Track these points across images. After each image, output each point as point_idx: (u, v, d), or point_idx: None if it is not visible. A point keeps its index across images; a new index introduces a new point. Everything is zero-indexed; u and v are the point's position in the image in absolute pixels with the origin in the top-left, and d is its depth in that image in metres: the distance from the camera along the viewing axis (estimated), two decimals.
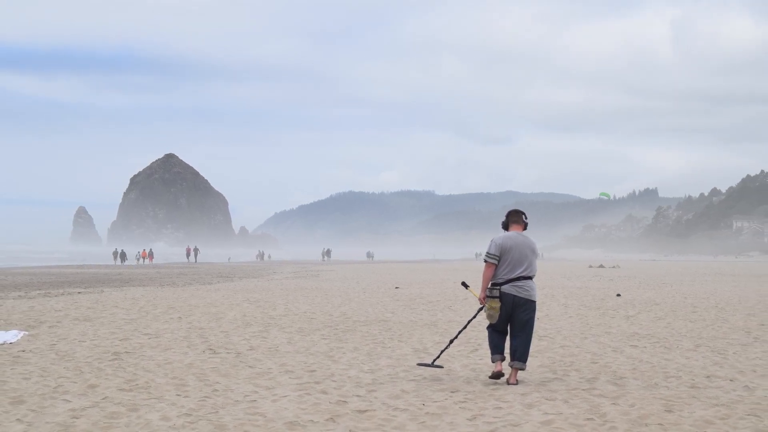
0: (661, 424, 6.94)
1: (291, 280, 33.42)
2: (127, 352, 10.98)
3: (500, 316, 8.83)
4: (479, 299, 8.99)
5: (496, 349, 8.91)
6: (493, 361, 8.92)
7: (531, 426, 6.90)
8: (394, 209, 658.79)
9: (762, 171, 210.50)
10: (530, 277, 8.91)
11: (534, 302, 8.92)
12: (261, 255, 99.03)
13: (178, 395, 8.11)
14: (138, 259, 77.56)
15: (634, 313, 17.11)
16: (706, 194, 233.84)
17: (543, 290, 24.61)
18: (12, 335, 12.44)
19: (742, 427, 6.87)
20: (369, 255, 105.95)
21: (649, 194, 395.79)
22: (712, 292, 25.23)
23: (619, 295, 23.11)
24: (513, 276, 8.82)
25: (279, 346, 11.75)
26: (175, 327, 14.08)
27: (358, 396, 8.11)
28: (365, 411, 7.44)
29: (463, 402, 7.83)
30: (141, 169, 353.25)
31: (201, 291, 24.80)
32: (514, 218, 9.15)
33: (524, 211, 9.32)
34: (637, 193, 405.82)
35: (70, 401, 7.80)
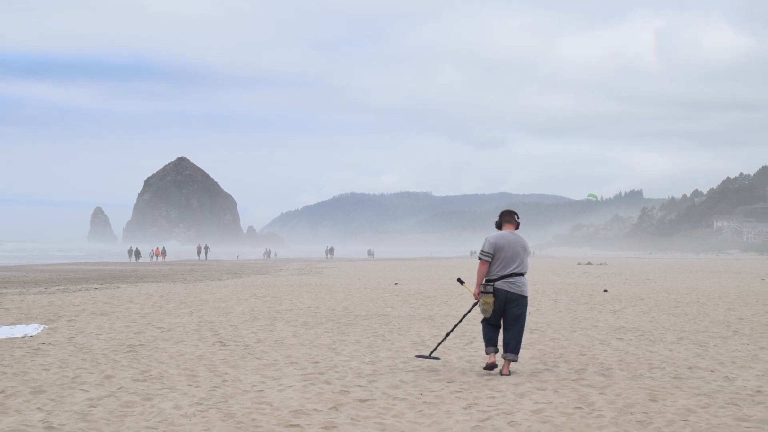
0: (645, 413, 6.95)
1: (296, 277, 33.40)
2: (141, 345, 10.98)
3: (494, 310, 8.84)
4: (474, 294, 8.99)
5: (490, 342, 8.91)
6: (487, 353, 8.92)
7: (523, 414, 6.90)
8: (393, 209, 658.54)
9: (741, 173, 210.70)
10: (522, 274, 8.91)
11: (525, 297, 8.92)
12: (268, 253, 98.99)
13: (189, 385, 8.11)
14: (152, 257, 77.51)
15: (621, 308, 17.11)
16: (688, 195, 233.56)
17: (534, 286, 24.60)
18: (32, 328, 12.45)
19: (722, 416, 6.87)
20: (370, 253, 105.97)
21: (635, 195, 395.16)
22: (694, 288, 25.22)
23: (606, 290, 23.10)
24: (506, 273, 8.83)
25: (285, 338, 11.75)
26: (186, 321, 14.08)
27: (359, 386, 8.11)
28: (366, 400, 7.44)
29: (458, 392, 7.84)
30: (154, 172, 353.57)
31: (211, 287, 24.79)
32: (507, 218, 9.15)
33: (516, 212, 9.33)
34: (623, 194, 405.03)
35: (87, 391, 7.81)
